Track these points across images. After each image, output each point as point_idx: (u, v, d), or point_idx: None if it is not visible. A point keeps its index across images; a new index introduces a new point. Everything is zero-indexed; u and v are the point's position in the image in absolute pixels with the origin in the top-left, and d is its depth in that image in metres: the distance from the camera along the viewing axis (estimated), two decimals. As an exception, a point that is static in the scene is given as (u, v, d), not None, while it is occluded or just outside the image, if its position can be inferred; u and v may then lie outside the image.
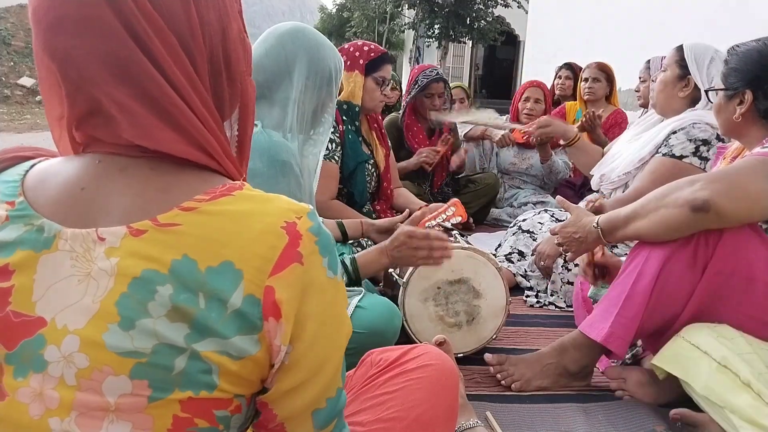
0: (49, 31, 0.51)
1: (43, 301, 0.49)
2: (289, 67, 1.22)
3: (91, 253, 0.49)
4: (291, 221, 0.53)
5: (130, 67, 0.51)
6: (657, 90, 1.97)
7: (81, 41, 0.50)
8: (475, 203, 3.14)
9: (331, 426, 0.60)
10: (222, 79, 0.58)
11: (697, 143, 1.77)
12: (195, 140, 0.54)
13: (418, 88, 2.88)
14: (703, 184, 1.21)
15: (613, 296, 1.36)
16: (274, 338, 0.51)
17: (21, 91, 11.74)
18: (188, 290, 0.48)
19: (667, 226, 1.27)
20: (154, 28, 0.51)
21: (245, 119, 0.64)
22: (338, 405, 0.60)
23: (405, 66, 20.50)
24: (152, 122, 0.52)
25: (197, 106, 0.54)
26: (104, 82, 0.51)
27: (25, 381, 0.49)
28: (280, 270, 0.51)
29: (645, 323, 1.32)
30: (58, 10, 0.50)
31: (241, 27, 0.61)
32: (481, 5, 15.70)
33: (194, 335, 0.49)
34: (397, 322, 1.38)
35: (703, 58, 1.85)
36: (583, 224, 1.47)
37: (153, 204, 0.51)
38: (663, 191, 1.30)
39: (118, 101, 0.51)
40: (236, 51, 0.59)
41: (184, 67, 0.53)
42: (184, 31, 0.53)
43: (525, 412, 1.35)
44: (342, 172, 2.15)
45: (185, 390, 0.49)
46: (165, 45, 0.52)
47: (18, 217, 0.52)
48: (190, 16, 0.53)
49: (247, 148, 0.65)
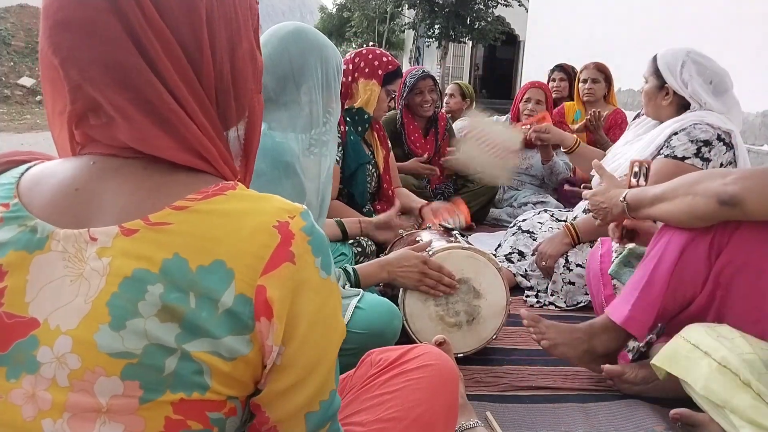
0: (55, 29, 0.51)
1: (36, 302, 0.49)
2: (293, 69, 1.23)
3: (83, 254, 0.49)
4: (283, 220, 0.53)
5: (132, 73, 0.51)
6: (644, 101, 2.01)
7: (85, 43, 0.51)
8: (475, 202, 3.15)
9: (324, 429, 0.60)
10: (229, 95, 0.58)
11: (698, 144, 1.77)
12: (193, 148, 0.54)
13: (407, 89, 2.97)
14: (735, 178, 1.21)
15: (636, 280, 1.40)
16: (266, 338, 0.51)
17: (21, 91, 11.74)
18: (179, 290, 0.48)
19: (692, 213, 1.28)
20: (160, 38, 0.51)
21: (251, 133, 0.64)
22: (331, 408, 0.60)
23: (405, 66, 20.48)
24: (149, 128, 0.52)
25: (197, 116, 0.55)
26: (105, 86, 0.51)
27: (17, 382, 0.48)
28: (272, 269, 0.51)
29: (665, 307, 1.35)
30: (67, 11, 0.51)
31: (254, 45, 0.61)
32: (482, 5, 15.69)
33: (185, 335, 0.48)
34: (397, 323, 1.38)
35: (675, 65, 1.85)
36: (611, 195, 1.50)
37: (145, 203, 0.51)
38: (695, 178, 1.31)
39: (116, 105, 0.52)
40: (245, 69, 0.59)
41: (187, 78, 0.54)
42: (190, 44, 0.53)
43: (525, 412, 1.35)
44: (343, 172, 2.16)
45: (177, 391, 0.49)
46: (169, 55, 0.52)
47: (12, 218, 0.52)
48: (199, 30, 0.53)
49: (252, 161, 0.65)
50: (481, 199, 3.21)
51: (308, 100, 1.23)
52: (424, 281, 1.44)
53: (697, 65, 1.83)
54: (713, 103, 1.82)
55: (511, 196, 3.41)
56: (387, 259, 1.43)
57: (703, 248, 1.29)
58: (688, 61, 1.83)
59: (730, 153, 1.78)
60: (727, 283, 1.28)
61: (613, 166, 2.07)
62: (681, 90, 1.85)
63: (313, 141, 1.27)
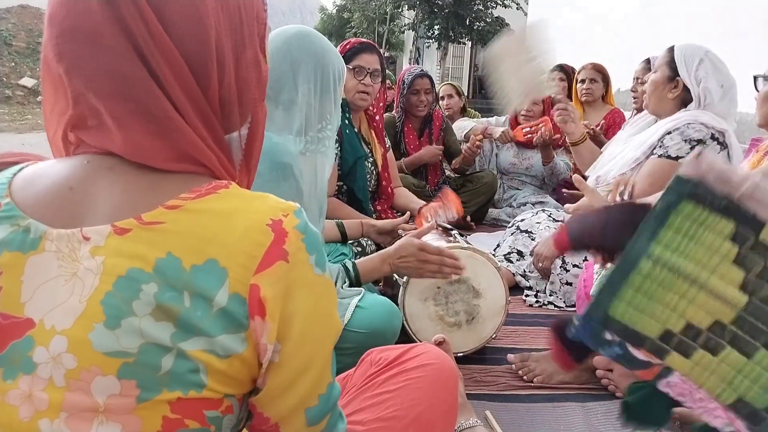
0: (61, 37, 0.52)
1: (32, 303, 0.49)
2: (293, 71, 1.23)
3: (77, 253, 0.50)
4: (277, 218, 0.53)
5: (134, 83, 0.52)
6: (648, 91, 1.98)
7: (90, 53, 0.51)
8: (474, 202, 3.15)
9: (324, 421, 0.60)
10: (233, 104, 0.58)
11: (692, 143, 1.77)
12: (191, 156, 0.55)
13: (406, 87, 2.98)
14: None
15: None
16: (260, 337, 0.51)
17: (22, 92, 11.74)
18: (173, 289, 0.48)
19: None
20: (162, 50, 0.52)
21: (253, 140, 0.64)
22: (330, 400, 0.60)
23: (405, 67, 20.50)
24: (146, 139, 0.53)
25: (197, 126, 0.55)
26: (107, 95, 0.52)
27: (14, 383, 0.48)
28: (265, 267, 0.51)
29: None
30: (73, 20, 0.51)
31: (258, 53, 0.61)
32: (481, 6, 15.69)
33: (180, 334, 0.49)
34: (397, 323, 1.38)
35: (693, 59, 1.83)
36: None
37: (139, 203, 0.52)
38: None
39: (116, 115, 0.52)
40: (248, 78, 0.59)
41: (190, 89, 0.54)
42: (194, 55, 0.53)
43: (524, 412, 1.35)
44: (341, 168, 2.15)
45: (174, 390, 0.49)
46: (171, 67, 0.52)
47: (5, 218, 0.52)
48: (205, 42, 0.54)
49: (254, 168, 0.65)
50: (480, 199, 3.21)
51: (305, 102, 1.24)
52: (426, 267, 1.39)
53: (713, 66, 1.82)
54: (719, 105, 1.81)
55: (510, 196, 3.41)
56: (387, 252, 1.41)
57: None
58: (706, 59, 1.82)
59: (724, 152, 1.77)
60: None
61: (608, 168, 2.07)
62: (692, 85, 1.83)
63: (310, 141, 1.28)
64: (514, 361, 1.52)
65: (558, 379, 1.47)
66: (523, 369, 1.50)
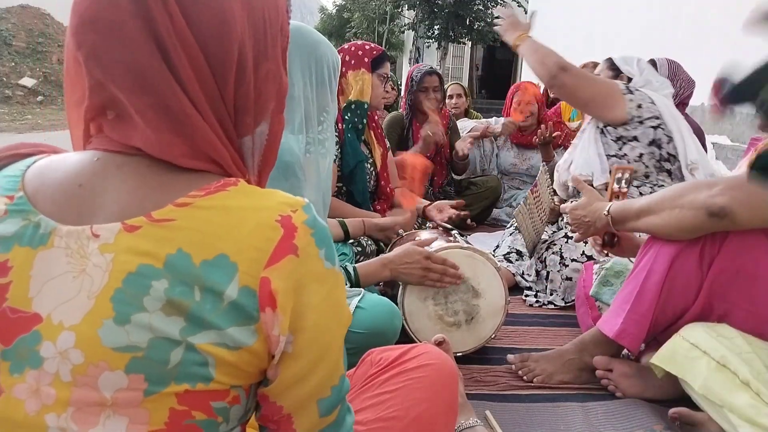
0: (82, 26, 0.52)
1: (40, 298, 0.50)
2: (288, 67, 1.23)
3: (86, 250, 0.50)
4: (286, 214, 0.53)
5: (153, 77, 0.52)
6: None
7: (109, 43, 0.51)
8: (477, 205, 3.16)
9: (335, 412, 0.61)
10: (248, 111, 0.59)
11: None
12: (205, 154, 0.55)
13: (415, 85, 2.97)
14: (722, 189, 1.21)
15: (626, 293, 1.39)
16: (271, 329, 0.52)
17: (22, 92, 11.75)
18: (183, 284, 0.49)
19: (680, 226, 1.28)
20: (186, 47, 0.52)
21: (270, 150, 0.64)
22: (342, 392, 0.61)
23: (405, 67, 20.49)
24: (165, 134, 0.53)
25: (214, 125, 0.55)
26: (125, 87, 0.52)
27: (21, 377, 0.49)
28: (275, 261, 0.51)
29: (657, 319, 1.35)
30: (95, 10, 0.51)
31: (280, 65, 0.62)
32: (481, 6, 15.67)
33: (190, 328, 0.49)
34: (397, 323, 1.38)
35: (630, 59, 2.20)
36: (594, 209, 1.50)
37: (148, 200, 0.52)
38: (679, 190, 1.31)
39: (137, 107, 0.53)
40: (267, 89, 0.60)
41: (208, 89, 0.54)
42: (216, 57, 0.54)
43: (524, 411, 1.35)
44: (342, 170, 2.16)
45: (181, 383, 0.49)
46: (193, 65, 0.53)
47: (16, 211, 0.52)
48: (228, 45, 0.54)
49: (266, 176, 0.65)
50: (484, 202, 3.23)
51: (303, 97, 1.23)
52: (428, 276, 1.43)
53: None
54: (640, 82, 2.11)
55: (510, 196, 3.41)
56: (388, 257, 1.42)
57: (694, 259, 1.28)
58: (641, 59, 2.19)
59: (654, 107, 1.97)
60: (724, 291, 1.27)
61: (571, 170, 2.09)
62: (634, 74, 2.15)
63: (311, 141, 1.28)
64: (514, 361, 1.52)
65: (558, 379, 1.47)
66: (523, 369, 1.50)
